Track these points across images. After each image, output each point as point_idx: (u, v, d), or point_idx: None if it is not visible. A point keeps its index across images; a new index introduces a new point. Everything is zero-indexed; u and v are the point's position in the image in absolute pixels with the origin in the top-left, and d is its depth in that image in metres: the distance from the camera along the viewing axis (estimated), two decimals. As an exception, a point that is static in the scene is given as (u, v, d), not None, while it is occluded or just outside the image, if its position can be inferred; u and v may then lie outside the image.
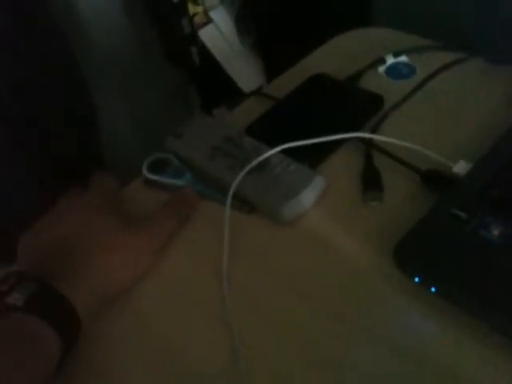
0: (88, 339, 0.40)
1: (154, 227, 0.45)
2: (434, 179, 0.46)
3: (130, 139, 0.97)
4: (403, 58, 0.61)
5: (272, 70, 0.84)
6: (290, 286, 0.42)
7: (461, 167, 0.46)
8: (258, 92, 0.62)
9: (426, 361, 0.36)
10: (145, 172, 0.51)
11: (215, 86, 0.92)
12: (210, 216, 0.48)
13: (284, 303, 0.41)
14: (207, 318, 0.41)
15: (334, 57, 0.65)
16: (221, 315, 0.41)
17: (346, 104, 0.56)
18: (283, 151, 0.49)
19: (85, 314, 0.39)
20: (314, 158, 0.50)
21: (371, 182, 0.48)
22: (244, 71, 0.87)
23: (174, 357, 0.40)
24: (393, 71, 0.60)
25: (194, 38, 0.87)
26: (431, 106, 0.55)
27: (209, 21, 0.86)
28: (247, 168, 0.47)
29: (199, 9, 0.84)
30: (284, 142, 0.49)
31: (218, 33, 0.86)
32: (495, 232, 0.40)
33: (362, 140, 0.51)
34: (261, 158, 0.48)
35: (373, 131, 0.52)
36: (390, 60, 0.61)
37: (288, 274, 0.43)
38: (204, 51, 0.89)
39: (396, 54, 0.61)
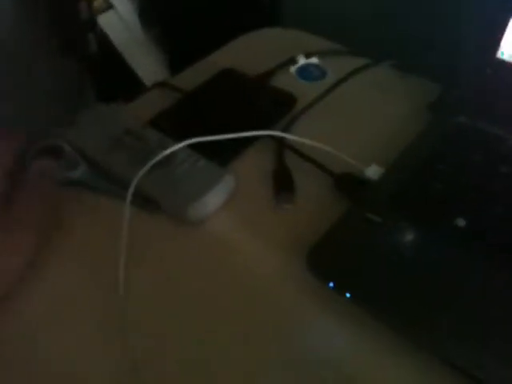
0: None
1: (30, 222, 0.40)
2: (347, 183, 0.45)
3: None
4: (314, 60, 0.60)
5: (177, 64, 0.80)
6: (193, 293, 0.39)
7: (373, 171, 0.45)
8: (162, 83, 0.57)
9: (338, 371, 0.35)
10: (30, 161, 0.44)
11: (113, 77, 0.86)
12: (107, 215, 0.43)
13: (185, 312, 0.38)
14: (100, 329, 0.37)
15: (243, 54, 0.63)
16: (117, 325, 0.36)
17: (257, 101, 0.54)
18: (191, 147, 0.45)
19: None
20: (223, 155, 0.47)
21: (283, 182, 0.46)
22: (146, 62, 0.82)
23: (63, 372, 0.35)
24: (304, 72, 0.59)
25: (92, 23, 0.80)
26: (343, 109, 0.54)
27: (109, 6, 0.80)
28: (151, 162, 0.43)
29: (99, -8, 0.78)
30: (192, 137, 0.45)
31: (119, 20, 0.80)
32: (408, 237, 0.39)
33: (274, 139, 0.49)
34: (167, 152, 0.44)
35: (285, 130, 0.50)
36: (302, 61, 0.60)
37: (191, 280, 0.40)
38: (102, 39, 0.82)
39: (307, 56, 0.60)
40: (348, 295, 0.37)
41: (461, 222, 0.40)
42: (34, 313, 0.38)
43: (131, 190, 0.41)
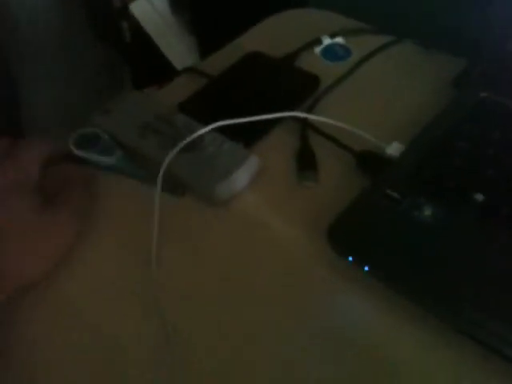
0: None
1: (69, 206, 0.42)
2: (368, 160, 0.46)
3: (56, 120, 0.92)
4: (339, 40, 0.61)
5: (207, 48, 0.82)
6: (223, 271, 0.41)
7: (394, 148, 0.46)
8: (190, 69, 0.59)
9: (358, 344, 0.36)
10: (72, 147, 0.47)
11: (147, 63, 0.88)
12: (139, 198, 0.46)
13: (216, 289, 0.40)
14: (137, 305, 0.39)
15: (269, 36, 0.64)
16: (151, 301, 0.39)
17: (281, 83, 0.55)
18: (217, 130, 0.47)
19: (2, 303, 0.36)
20: (248, 137, 0.49)
21: (306, 161, 0.47)
22: (178, 48, 0.84)
23: (105, 344, 0.38)
24: (328, 52, 0.60)
25: (124, 12, 0.83)
26: (366, 88, 0.55)
27: (140, -6, 0.82)
28: (179, 146, 0.45)
29: (130, -19, 0.80)
30: (218, 120, 0.47)
31: (151, 7, 0.83)
32: (427, 212, 0.40)
33: (298, 120, 0.51)
34: (193, 136, 0.46)
35: (308, 111, 0.52)
36: (327, 41, 0.60)
37: (220, 258, 0.42)
38: (136, 26, 0.85)
39: (332, 36, 0.61)
40: (366, 268, 0.38)
41: (479, 197, 0.40)
42: (76, 291, 0.41)
43: (161, 174, 0.44)
